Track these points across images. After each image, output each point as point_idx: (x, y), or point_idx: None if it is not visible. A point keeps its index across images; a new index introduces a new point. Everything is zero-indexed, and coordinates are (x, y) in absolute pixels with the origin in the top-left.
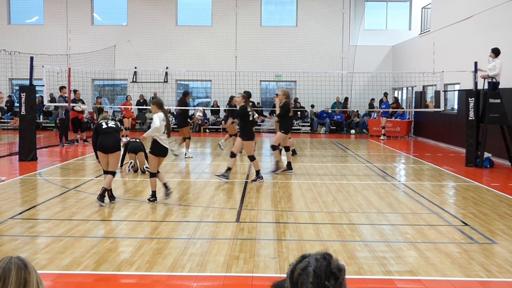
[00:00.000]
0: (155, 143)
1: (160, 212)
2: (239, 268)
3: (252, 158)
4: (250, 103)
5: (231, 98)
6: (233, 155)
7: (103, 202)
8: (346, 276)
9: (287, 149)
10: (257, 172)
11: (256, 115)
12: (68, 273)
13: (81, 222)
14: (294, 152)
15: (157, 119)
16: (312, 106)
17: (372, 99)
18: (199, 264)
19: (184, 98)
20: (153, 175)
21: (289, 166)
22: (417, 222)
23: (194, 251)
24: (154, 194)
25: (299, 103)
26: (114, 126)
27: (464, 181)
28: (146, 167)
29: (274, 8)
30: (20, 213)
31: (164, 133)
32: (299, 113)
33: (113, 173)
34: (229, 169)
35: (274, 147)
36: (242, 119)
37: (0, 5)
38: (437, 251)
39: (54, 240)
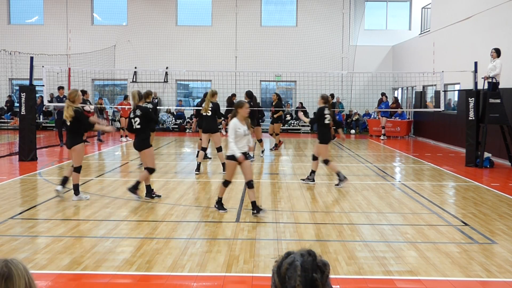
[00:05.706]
0: None
1: (160, 212)
2: (239, 268)
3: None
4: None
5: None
6: (314, 158)
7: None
8: (346, 276)
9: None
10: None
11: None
12: (68, 273)
13: (81, 222)
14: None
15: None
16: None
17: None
18: (199, 264)
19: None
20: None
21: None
22: (417, 222)
23: (194, 251)
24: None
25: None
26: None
27: (464, 181)
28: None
29: (274, 8)
30: (20, 213)
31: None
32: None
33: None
34: (313, 172)
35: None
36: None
37: (0, 5)
38: (437, 251)
39: (54, 240)
